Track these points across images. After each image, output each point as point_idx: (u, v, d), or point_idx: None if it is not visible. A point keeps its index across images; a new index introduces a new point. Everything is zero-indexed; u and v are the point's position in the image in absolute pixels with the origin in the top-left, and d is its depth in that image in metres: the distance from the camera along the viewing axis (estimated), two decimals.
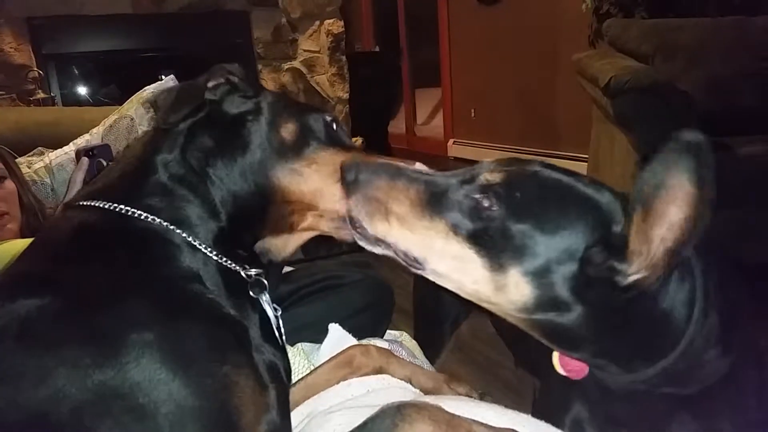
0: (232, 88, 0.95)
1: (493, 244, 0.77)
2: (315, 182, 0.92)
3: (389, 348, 1.16)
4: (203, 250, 0.83)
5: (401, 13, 7.18)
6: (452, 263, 0.81)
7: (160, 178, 0.86)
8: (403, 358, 1.13)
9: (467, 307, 1.59)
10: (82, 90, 4.13)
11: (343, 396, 1.01)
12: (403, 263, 0.85)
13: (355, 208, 0.84)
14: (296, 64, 4.55)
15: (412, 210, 0.82)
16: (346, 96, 4.72)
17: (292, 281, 1.47)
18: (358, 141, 4.47)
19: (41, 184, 2.04)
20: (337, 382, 1.05)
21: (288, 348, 1.21)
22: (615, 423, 0.95)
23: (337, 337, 1.18)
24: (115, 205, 0.82)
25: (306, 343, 1.26)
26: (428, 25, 6.66)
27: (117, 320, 0.69)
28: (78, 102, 4.00)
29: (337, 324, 1.20)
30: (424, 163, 0.94)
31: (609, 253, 0.73)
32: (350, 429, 0.77)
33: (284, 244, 0.97)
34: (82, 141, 2.13)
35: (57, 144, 2.15)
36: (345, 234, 0.93)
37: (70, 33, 3.86)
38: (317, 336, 1.23)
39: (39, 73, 3.74)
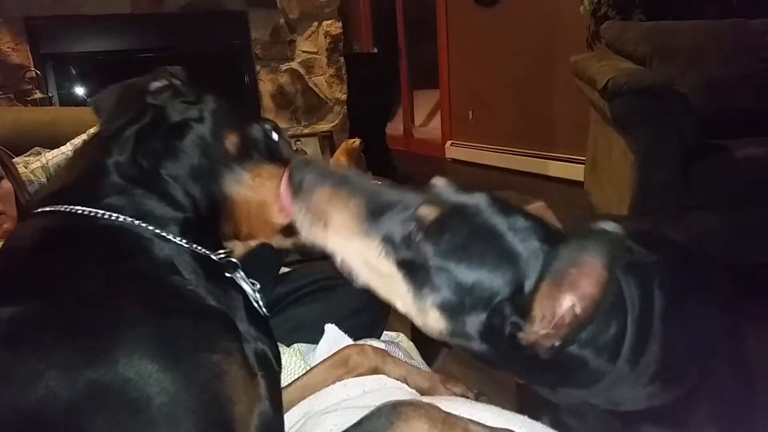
0: (175, 92, 0.95)
1: (417, 274, 0.79)
2: (258, 195, 0.95)
3: (386, 348, 1.16)
4: (173, 239, 0.84)
5: (399, 14, 7.19)
6: (382, 282, 0.84)
7: (115, 179, 0.87)
8: (398, 358, 1.13)
9: None
10: (80, 90, 4.12)
11: (339, 396, 1.01)
12: (341, 271, 0.87)
13: (297, 213, 0.85)
14: (294, 65, 4.55)
15: (350, 223, 0.83)
16: (344, 97, 4.72)
17: (289, 282, 1.47)
18: (355, 143, 4.47)
19: (38, 184, 2.04)
20: (333, 382, 1.05)
21: (284, 348, 1.21)
22: None
23: (334, 338, 1.18)
24: (76, 207, 0.81)
25: (302, 344, 1.26)
26: (426, 27, 6.66)
27: (102, 318, 0.69)
28: (75, 102, 3.99)
29: (333, 325, 1.20)
30: (422, 164, 0.94)
31: (515, 310, 0.74)
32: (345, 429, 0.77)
33: (243, 249, 1.01)
34: (79, 141, 2.12)
35: (54, 144, 2.15)
36: (287, 244, 1.01)
37: (68, 33, 3.86)
38: (314, 337, 1.23)
39: (36, 72, 3.73)
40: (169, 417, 0.64)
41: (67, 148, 2.09)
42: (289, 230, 0.96)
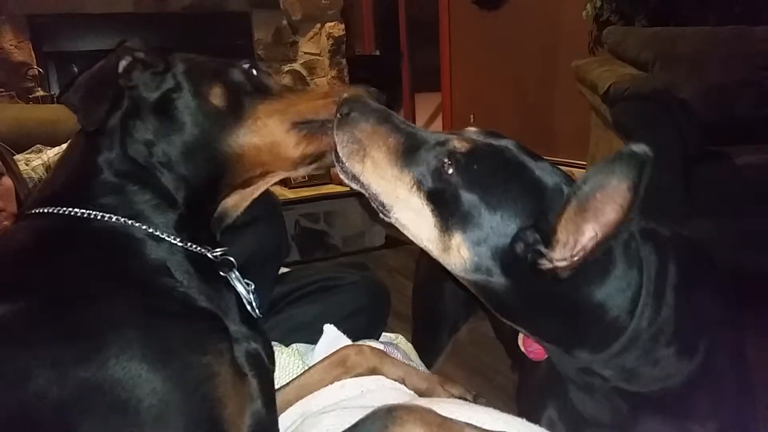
0: (143, 65, 0.90)
1: (445, 206, 0.83)
2: (267, 136, 0.92)
3: (385, 350, 1.16)
4: (167, 239, 0.82)
5: (402, 17, 7.19)
6: (411, 216, 0.87)
7: (108, 178, 0.84)
8: (396, 359, 1.13)
9: (467, 311, 1.59)
10: None
11: (337, 396, 1.01)
12: (374, 206, 0.90)
13: (340, 144, 0.89)
14: (296, 66, 4.56)
15: (387, 157, 0.88)
16: None
17: (288, 282, 1.47)
18: None
19: (39, 181, 2.04)
20: (331, 382, 1.04)
21: (283, 348, 1.21)
22: (584, 422, 0.96)
23: (332, 338, 1.18)
24: (69, 209, 0.80)
25: (301, 344, 1.26)
26: (429, 30, 6.67)
27: (94, 319, 0.68)
28: None
29: (332, 325, 1.20)
30: None
31: (538, 237, 0.78)
32: (342, 430, 0.77)
33: (241, 201, 0.97)
34: None
35: (55, 142, 2.15)
36: (301, 172, 0.99)
37: (70, 31, 3.87)
38: (312, 337, 1.23)
39: (39, 70, 3.74)
40: (158, 418, 0.64)
41: None
42: (305, 159, 0.96)
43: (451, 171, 0.83)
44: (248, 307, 0.89)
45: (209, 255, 0.87)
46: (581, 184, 0.72)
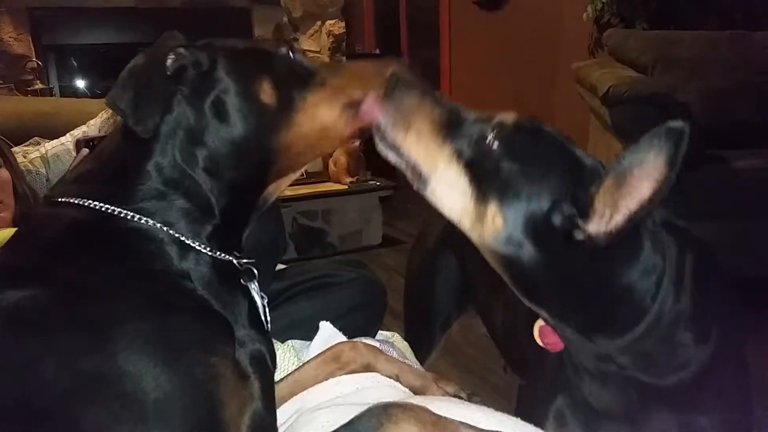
0: (191, 65, 0.86)
1: (483, 176, 0.87)
2: (319, 124, 0.92)
3: (381, 347, 1.16)
4: (197, 247, 0.82)
5: (403, 16, 7.18)
6: (447, 188, 0.90)
7: (154, 185, 0.82)
8: (391, 356, 1.13)
9: (459, 308, 1.60)
10: (81, 82, 4.13)
11: (332, 393, 1.01)
12: (410, 177, 0.93)
13: (385, 115, 0.92)
14: None
15: (430, 129, 0.91)
16: None
17: (285, 278, 1.47)
18: (355, 142, 4.48)
19: (36, 174, 2.03)
20: (325, 378, 1.04)
21: (278, 345, 1.21)
22: (594, 413, 0.98)
23: (328, 335, 1.18)
24: (108, 206, 0.80)
25: (296, 341, 1.26)
26: (429, 29, 6.66)
27: (107, 311, 0.69)
28: (76, 94, 4.00)
29: (327, 322, 1.20)
30: None
31: (574, 210, 0.80)
32: (336, 427, 0.77)
33: (278, 188, 0.97)
34: (79, 132, 2.12)
35: (54, 135, 2.14)
36: (352, 138, 0.99)
37: (70, 25, 3.86)
38: (308, 334, 1.23)
39: (38, 63, 3.73)
40: (162, 413, 0.64)
41: (67, 139, 2.09)
42: (355, 135, 0.97)
43: (495, 143, 0.87)
44: (263, 319, 0.90)
45: (235, 262, 0.87)
46: (620, 159, 0.74)
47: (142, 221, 0.79)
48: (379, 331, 1.43)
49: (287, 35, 4.46)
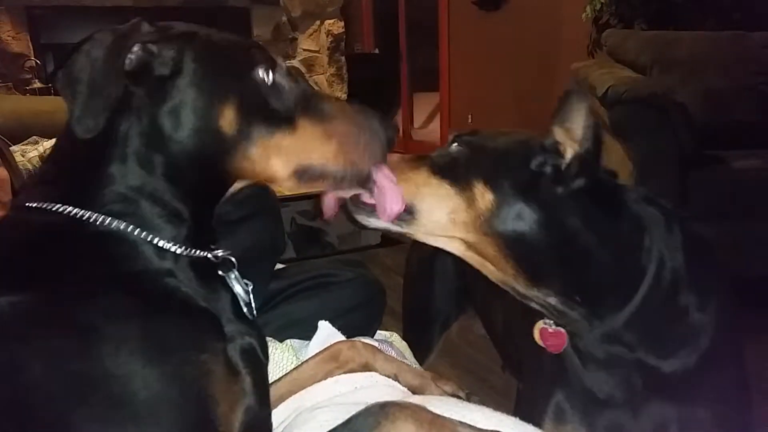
0: (152, 65, 0.79)
1: (460, 171, 0.97)
2: (269, 173, 0.84)
3: (379, 347, 1.16)
4: (172, 249, 0.79)
5: (402, 16, 7.19)
6: (432, 200, 0.97)
7: (120, 189, 0.78)
8: (389, 355, 1.13)
9: (458, 308, 1.60)
10: None
11: (330, 392, 1.01)
12: (396, 229, 0.99)
13: (356, 201, 0.98)
14: (295, 63, 4.56)
15: (404, 164, 1.01)
16: (344, 96, 4.73)
17: (284, 278, 1.46)
18: None
19: (34, 172, 2.03)
20: (324, 377, 1.04)
21: (277, 344, 1.21)
22: (595, 403, 1.00)
23: (326, 335, 1.18)
24: (74, 209, 0.77)
25: (295, 340, 1.26)
26: (428, 29, 6.67)
27: (91, 315, 0.68)
28: None
29: (326, 322, 1.20)
30: None
31: (548, 153, 0.93)
32: (334, 426, 0.77)
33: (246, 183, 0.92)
34: None
35: (52, 133, 2.14)
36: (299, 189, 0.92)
37: (68, 23, 3.86)
38: (307, 333, 1.23)
39: (36, 62, 3.73)
40: (153, 413, 0.64)
41: None
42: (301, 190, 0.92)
43: (460, 147, 1.01)
44: (245, 308, 0.86)
45: (210, 256, 0.85)
46: (556, 117, 0.93)
47: (113, 224, 0.77)
48: (378, 331, 1.43)
49: (286, 35, 4.46)
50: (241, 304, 0.85)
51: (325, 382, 1.03)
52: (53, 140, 2.10)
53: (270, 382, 1.03)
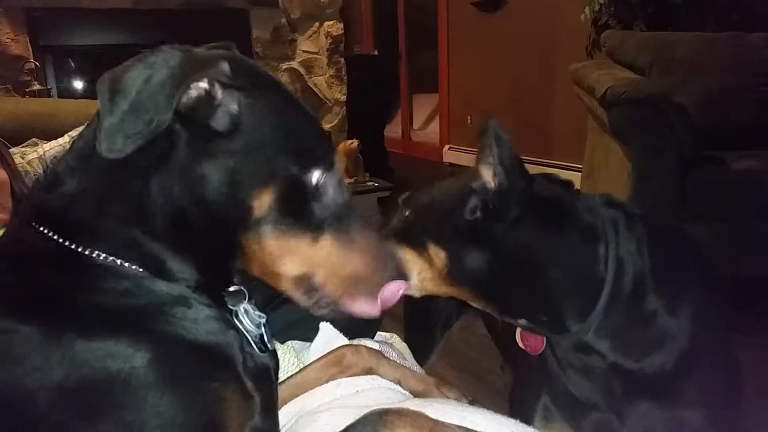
0: (209, 109, 0.70)
1: (415, 236, 1.02)
2: (276, 264, 0.77)
3: (380, 349, 1.16)
4: (180, 286, 0.75)
5: (401, 17, 7.20)
6: (416, 264, 1.02)
7: (128, 231, 0.72)
8: (393, 360, 1.12)
9: (459, 309, 1.60)
10: (79, 84, 4.12)
11: (332, 395, 1.01)
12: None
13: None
14: (294, 64, 4.55)
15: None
16: (343, 98, 4.73)
17: None
18: (354, 144, 4.48)
19: (34, 175, 2.03)
20: (327, 381, 1.04)
21: (278, 345, 1.20)
22: (580, 406, 1.01)
23: (328, 336, 1.18)
24: (82, 243, 0.72)
25: (296, 342, 1.26)
26: (427, 31, 6.67)
27: (104, 344, 0.67)
28: (74, 95, 3.98)
29: (328, 323, 1.20)
30: (420, 168, 1.03)
31: (479, 195, 0.96)
32: (336, 431, 0.77)
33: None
34: (76, 134, 2.11)
35: (52, 136, 2.14)
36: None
37: (68, 25, 3.85)
38: (308, 334, 1.23)
39: (35, 64, 3.72)
40: None
41: (65, 140, 2.09)
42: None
43: (408, 212, 1.08)
44: (253, 345, 0.81)
45: (222, 293, 0.80)
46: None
47: (118, 261, 0.72)
48: (378, 332, 1.43)
49: (285, 37, 4.46)
50: (250, 340, 0.81)
51: (327, 384, 1.03)
52: (52, 142, 2.10)
53: None
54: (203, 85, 0.69)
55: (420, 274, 1.01)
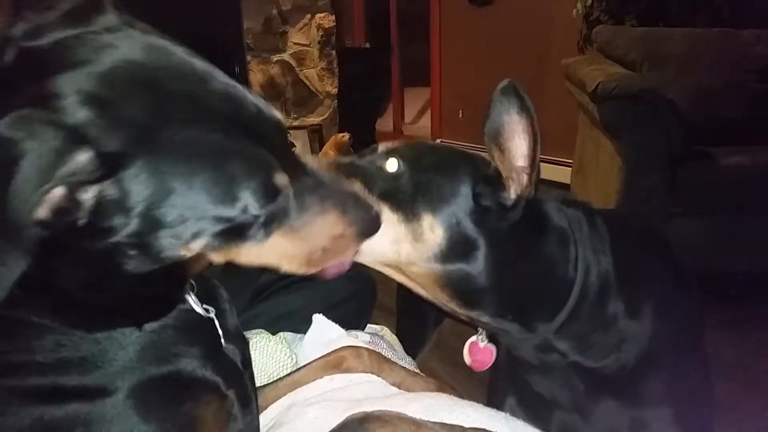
0: (78, 205, 0.56)
1: (404, 197, 0.88)
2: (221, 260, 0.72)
3: (376, 348, 1.15)
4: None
5: (393, 11, 7.17)
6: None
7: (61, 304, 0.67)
8: (395, 363, 1.11)
9: None
10: None
11: (322, 388, 1.01)
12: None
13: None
14: (285, 56, 4.53)
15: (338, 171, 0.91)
16: (334, 91, 4.71)
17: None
18: (345, 137, 4.47)
19: None
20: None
21: (270, 337, 1.20)
22: (545, 405, 1.01)
23: (321, 328, 1.17)
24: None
25: (288, 333, 1.25)
26: (419, 24, 6.65)
27: (78, 382, 0.67)
28: None
29: (321, 315, 1.20)
30: None
31: (492, 187, 0.87)
32: (326, 425, 0.77)
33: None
34: None
35: None
36: None
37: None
38: (298, 326, 1.22)
39: None
40: None
41: None
42: None
43: (397, 165, 0.90)
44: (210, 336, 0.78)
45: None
46: (488, 133, 0.85)
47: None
48: (369, 324, 1.43)
49: (276, 28, 4.43)
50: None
51: (320, 380, 1.02)
52: None
53: (269, 381, 1.04)
54: (59, 193, 0.53)
55: (396, 243, 0.88)
